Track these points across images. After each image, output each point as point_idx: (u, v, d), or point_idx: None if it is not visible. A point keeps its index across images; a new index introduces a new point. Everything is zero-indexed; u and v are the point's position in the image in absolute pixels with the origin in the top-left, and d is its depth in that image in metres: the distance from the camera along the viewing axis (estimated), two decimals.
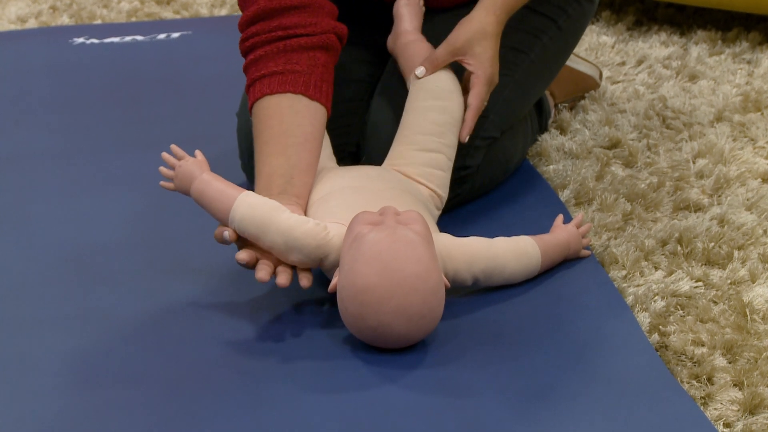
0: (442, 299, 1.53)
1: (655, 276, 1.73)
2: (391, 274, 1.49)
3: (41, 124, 2.28)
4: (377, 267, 1.49)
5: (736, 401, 1.47)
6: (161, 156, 1.66)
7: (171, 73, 2.52)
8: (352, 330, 1.55)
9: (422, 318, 1.51)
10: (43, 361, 1.55)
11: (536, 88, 2.00)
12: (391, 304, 1.49)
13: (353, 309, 1.52)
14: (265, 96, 1.74)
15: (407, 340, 1.53)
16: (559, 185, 1.98)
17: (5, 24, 2.89)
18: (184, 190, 1.64)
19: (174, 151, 1.66)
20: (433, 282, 1.51)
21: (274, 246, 1.58)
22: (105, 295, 1.70)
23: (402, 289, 1.49)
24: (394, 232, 1.51)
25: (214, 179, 1.62)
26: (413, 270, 1.50)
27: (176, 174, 1.64)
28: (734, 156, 2.07)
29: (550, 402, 1.45)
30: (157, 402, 1.47)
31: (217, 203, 1.60)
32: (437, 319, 1.54)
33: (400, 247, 1.50)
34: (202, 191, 1.62)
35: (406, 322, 1.50)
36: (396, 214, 1.54)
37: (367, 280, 1.50)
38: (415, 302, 1.50)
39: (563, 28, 1.97)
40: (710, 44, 2.59)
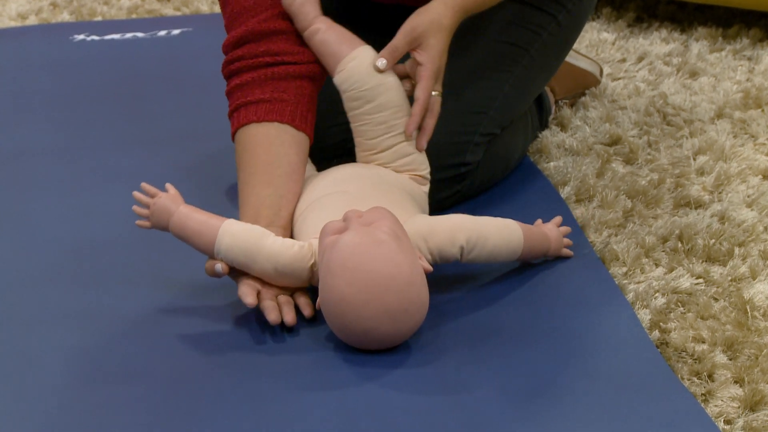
0: (421, 287, 1.52)
1: (656, 273, 1.73)
2: (361, 280, 1.49)
3: (42, 121, 2.28)
4: (347, 276, 1.49)
5: (736, 398, 1.47)
6: (132, 195, 1.62)
7: (171, 70, 2.52)
8: (345, 340, 1.54)
9: (406, 312, 1.50)
10: (44, 358, 1.55)
11: (536, 84, 2.00)
12: (370, 308, 1.49)
13: (337, 321, 1.52)
14: (251, 123, 1.73)
15: (400, 335, 1.53)
16: (559, 182, 1.98)
17: (5, 21, 2.89)
18: (162, 226, 1.61)
19: (145, 189, 1.62)
20: (406, 275, 1.50)
21: (264, 273, 1.59)
22: (105, 292, 1.70)
23: (376, 291, 1.48)
24: (356, 238, 1.50)
25: (192, 212, 1.60)
26: (382, 269, 1.49)
27: (152, 212, 1.61)
28: (735, 153, 2.07)
29: (551, 399, 1.45)
30: (158, 399, 1.47)
31: (200, 236, 1.59)
32: (423, 306, 1.53)
33: (364, 250, 1.49)
34: (183, 225, 1.60)
35: (390, 321, 1.50)
36: (359, 217, 1.53)
37: (341, 292, 1.49)
38: (393, 300, 1.49)
39: (563, 24, 1.97)
40: (711, 41, 2.59)
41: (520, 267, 1.73)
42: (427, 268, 1.55)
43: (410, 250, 1.53)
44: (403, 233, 1.54)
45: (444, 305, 1.64)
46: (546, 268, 1.73)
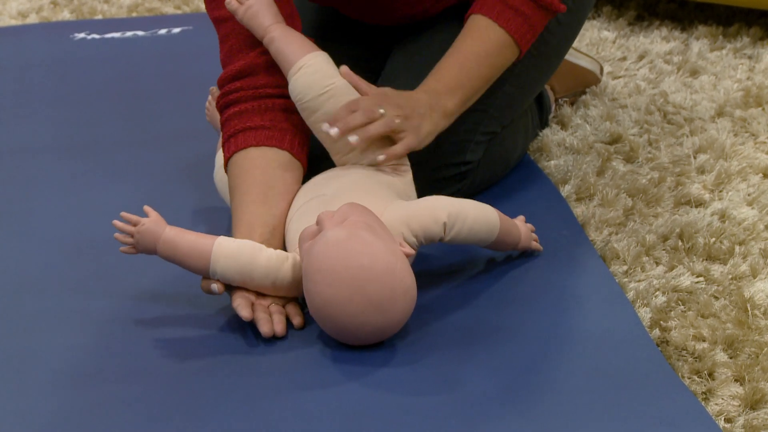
0: (403, 273, 1.51)
1: (656, 271, 1.73)
2: (339, 279, 1.48)
3: (42, 120, 2.28)
4: (325, 279, 1.49)
5: (737, 396, 1.47)
6: (113, 224, 1.58)
7: (172, 69, 2.52)
8: (342, 341, 1.54)
9: (391, 300, 1.50)
10: (43, 357, 1.55)
11: (536, 82, 1.99)
12: (355, 304, 1.48)
13: (328, 324, 1.52)
14: (250, 147, 1.73)
15: (393, 323, 1.52)
16: (560, 180, 1.98)
17: (6, 19, 2.89)
18: (149, 251, 1.59)
19: (126, 218, 1.58)
20: (384, 263, 1.49)
21: (262, 287, 1.59)
22: (105, 290, 1.70)
23: (356, 285, 1.48)
24: (328, 239, 1.50)
25: (180, 233, 1.58)
26: (357, 263, 1.48)
27: (137, 240, 1.58)
28: (735, 151, 2.07)
29: (551, 397, 1.45)
30: (157, 398, 1.47)
31: (192, 259, 1.57)
32: (409, 291, 1.52)
33: (337, 249, 1.49)
34: (173, 248, 1.57)
35: (378, 312, 1.49)
36: (330, 217, 1.53)
37: (323, 295, 1.50)
38: (375, 291, 1.48)
39: (563, 21, 1.97)
40: (711, 39, 2.59)
41: (521, 265, 1.73)
42: (408, 252, 1.54)
43: (387, 238, 1.53)
44: (377, 222, 1.54)
45: (443, 303, 1.64)
46: (546, 266, 1.73)
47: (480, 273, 1.72)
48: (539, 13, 1.80)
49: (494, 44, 1.77)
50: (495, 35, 1.77)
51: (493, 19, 1.76)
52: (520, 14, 1.77)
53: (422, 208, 1.61)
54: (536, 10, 1.79)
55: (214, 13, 1.81)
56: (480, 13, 1.78)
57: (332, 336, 1.54)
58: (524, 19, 1.78)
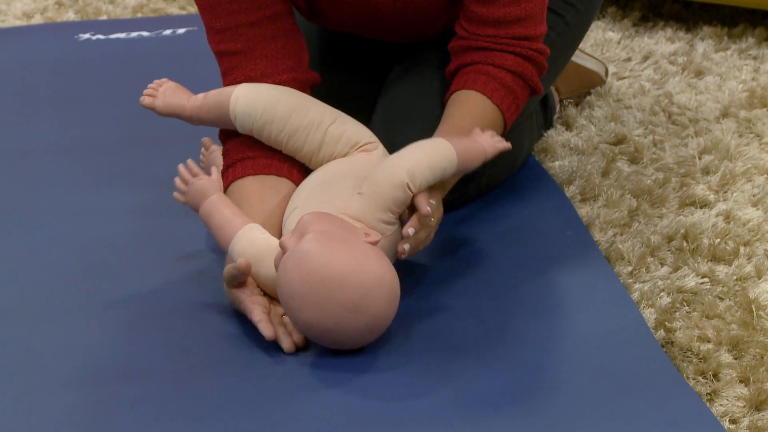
0: (371, 264, 1.49)
1: (661, 272, 1.73)
2: (308, 302, 1.48)
3: (47, 120, 2.28)
4: (296, 303, 1.49)
5: (742, 397, 1.47)
6: (177, 168, 1.67)
7: (177, 69, 2.52)
8: (339, 349, 1.54)
9: (364, 297, 1.48)
10: (48, 356, 1.56)
11: (543, 83, 1.99)
12: (332, 318, 1.48)
13: (319, 340, 1.53)
14: (247, 176, 1.72)
15: (380, 317, 1.51)
16: (564, 181, 1.98)
17: (11, 20, 2.90)
18: (194, 206, 1.65)
19: (190, 166, 1.67)
20: (343, 267, 1.48)
21: (268, 279, 1.58)
22: (110, 290, 1.70)
23: (325, 302, 1.47)
24: (285, 268, 1.50)
25: (223, 204, 1.62)
26: (318, 280, 1.47)
27: (188, 190, 1.66)
28: (740, 152, 2.07)
29: (555, 398, 1.45)
30: (162, 397, 1.47)
31: (221, 231, 1.61)
32: (383, 279, 1.50)
33: (297, 273, 1.49)
34: (210, 214, 1.62)
35: (355, 314, 1.48)
36: (290, 237, 1.52)
37: (300, 319, 1.50)
38: (345, 298, 1.47)
39: (571, 23, 1.97)
40: (716, 40, 2.58)
41: (525, 266, 1.73)
42: (372, 240, 1.52)
43: (347, 238, 1.51)
44: (336, 223, 1.53)
45: (447, 305, 1.65)
46: (551, 267, 1.73)
47: (483, 274, 1.72)
48: (526, 92, 1.78)
49: (488, 120, 1.73)
50: (491, 112, 1.74)
51: (487, 95, 1.73)
52: (511, 93, 1.75)
53: (380, 184, 1.59)
54: (524, 90, 1.77)
55: (219, 47, 1.80)
56: (474, 89, 1.74)
57: (325, 345, 1.54)
58: (514, 98, 1.75)
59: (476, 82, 1.74)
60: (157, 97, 1.81)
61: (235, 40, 1.77)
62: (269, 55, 1.77)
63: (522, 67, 1.75)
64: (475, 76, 1.75)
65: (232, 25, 1.77)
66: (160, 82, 1.82)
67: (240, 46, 1.77)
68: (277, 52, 1.78)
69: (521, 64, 1.75)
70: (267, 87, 1.73)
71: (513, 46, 1.75)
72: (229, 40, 1.78)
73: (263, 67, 1.77)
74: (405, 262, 1.72)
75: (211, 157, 1.91)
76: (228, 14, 1.77)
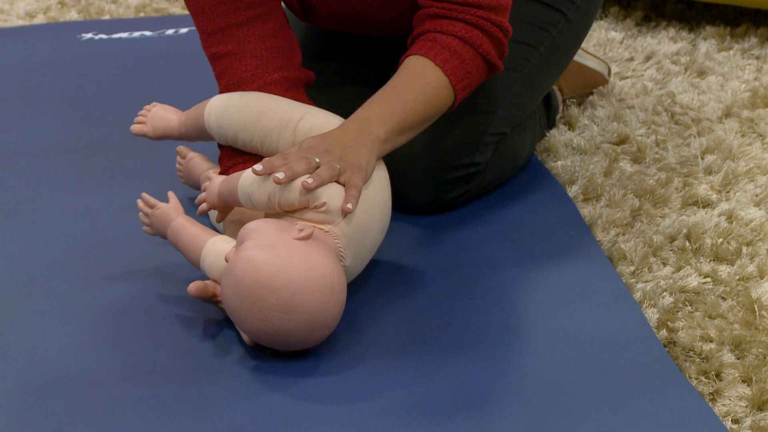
0: (297, 265, 1.48)
1: (664, 272, 1.73)
2: (246, 316, 1.49)
3: (49, 120, 2.28)
4: (236, 319, 1.51)
5: (744, 397, 1.47)
6: (136, 203, 1.68)
7: (179, 69, 2.52)
8: (298, 348, 1.54)
9: (294, 296, 1.47)
10: (49, 356, 1.56)
11: (545, 82, 1.99)
12: (273, 324, 1.48)
13: (271, 345, 1.52)
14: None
15: (318, 315, 1.49)
16: (567, 181, 1.98)
17: (14, 19, 2.90)
18: (162, 235, 1.66)
19: (145, 199, 1.68)
20: (266, 273, 1.47)
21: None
22: (111, 289, 1.70)
23: (259, 308, 1.48)
24: (222, 288, 1.52)
25: (185, 225, 1.63)
26: (246, 290, 1.48)
27: (152, 222, 1.67)
28: (743, 152, 2.07)
29: (557, 397, 1.45)
30: (164, 397, 1.47)
31: (188, 251, 1.62)
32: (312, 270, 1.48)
33: (228, 290, 1.50)
34: (176, 236, 1.64)
35: (287, 314, 1.48)
36: (229, 254, 1.53)
37: (249, 333, 1.51)
38: (275, 301, 1.47)
39: (572, 20, 1.97)
40: (719, 40, 2.58)
41: (527, 265, 1.73)
42: (304, 236, 1.50)
43: (273, 242, 1.50)
44: (267, 228, 1.52)
45: (448, 304, 1.65)
46: (553, 266, 1.73)
47: (485, 273, 1.72)
48: (478, 61, 1.73)
49: (430, 82, 1.69)
50: (431, 74, 1.69)
51: (430, 58, 1.69)
52: (456, 56, 1.70)
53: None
54: (475, 58, 1.72)
55: (211, 50, 1.81)
56: (417, 54, 1.71)
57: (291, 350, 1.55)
58: (460, 62, 1.71)
59: (421, 48, 1.71)
60: (146, 124, 1.84)
61: (225, 42, 1.78)
62: (259, 54, 1.78)
63: (470, 34, 1.71)
64: (422, 43, 1.72)
65: (222, 27, 1.78)
66: (149, 107, 1.84)
67: (230, 47, 1.78)
68: (267, 51, 1.78)
69: (470, 30, 1.71)
70: (237, 95, 1.74)
71: (464, 13, 1.71)
72: (219, 43, 1.79)
73: (254, 68, 1.77)
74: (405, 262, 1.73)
75: (189, 165, 1.92)
76: (217, 16, 1.78)
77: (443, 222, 1.87)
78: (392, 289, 1.69)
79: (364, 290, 1.69)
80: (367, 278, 1.71)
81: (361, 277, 1.69)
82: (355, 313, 1.63)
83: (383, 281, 1.71)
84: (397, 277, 1.72)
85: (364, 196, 1.59)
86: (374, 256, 1.73)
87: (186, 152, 1.93)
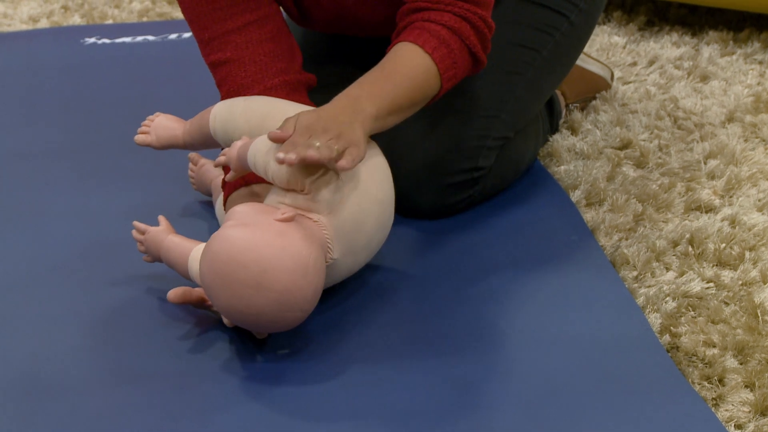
0: (273, 242, 1.48)
1: (667, 277, 1.73)
2: (221, 281, 1.49)
3: (52, 124, 2.29)
4: (213, 287, 1.50)
5: (747, 402, 1.47)
6: (131, 234, 1.70)
7: (182, 73, 2.53)
8: (272, 331, 1.55)
9: (266, 272, 1.46)
10: (52, 359, 1.56)
11: (549, 86, 1.99)
12: (240, 298, 1.48)
13: (243, 323, 1.53)
14: (240, 187, 1.73)
15: (289, 295, 1.48)
16: (570, 186, 1.98)
17: (17, 24, 2.90)
18: (156, 258, 1.68)
19: (135, 226, 1.69)
20: (243, 246, 1.48)
21: None
22: (114, 292, 1.70)
23: (231, 280, 1.47)
24: (206, 254, 1.52)
25: (177, 239, 1.64)
26: (223, 259, 1.48)
27: (146, 248, 1.68)
28: (746, 157, 2.07)
29: (560, 402, 1.45)
30: (165, 400, 1.47)
31: (177, 265, 1.64)
32: (285, 251, 1.48)
33: (206, 258, 1.51)
34: (167, 253, 1.65)
35: (263, 291, 1.47)
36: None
37: (218, 300, 1.51)
38: (247, 276, 1.47)
39: (575, 23, 1.97)
40: (722, 45, 2.58)
41: (529, 270, 1.73)
42: (287, 218, 1.50)
43: (254, 221, 1.51)
44: (251, 210, 1.53)
45: (451, 307, 1.65)
46: (556, 271, 1.73)
47: (487, 277, 1.72)
48: (464, 53, 1.72)
49: (419, 67, 1.68)
50: (421, 60, 1.68)
51: (419, 44, 1.68)
52: (445, 44, 1.69)
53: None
54: (461, 49, 1.71)
55: (210, 58, 1.81)
56: (406, 40, 1.70)
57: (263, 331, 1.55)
58: (449, 51, 1.70)
59: (410, 35, 1.70)
60: (150, 134, 1.84)
61: (223, 48, 1.78)
62: (258, 60, 1.78)
63: (459, 24, 1.70)
64: (410, 31, 1.71)
65: (219, 33, 1.78)
66: (152, 117, 1.84)
67: (229, 54, 1.78)
68: (266, 56, 1.78)
69: (458, 21, 1.70)
70: (241, 100, 1.74)
71: (452, 5, 1.71)
72: (218, 50, 1.79)
73: (253, 73, 1.77)
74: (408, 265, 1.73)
75: (200, 171, 1.92)
76: (214, 23, 1.78)
77: (446, 226, 1.87)
78: (394, 292, 1.69)
79: (365, 293, 1.69)
80: (369, 281, 1.71)
81: (362, 279, 1.69)
82: (357, 316, 1.63)
83: (385, 284, 1.71)
84: (400, 280, 1.72)
85: (358, 191, 1.59)
86: (376, 260, 1.73)
87: (198, 159, 1.94)
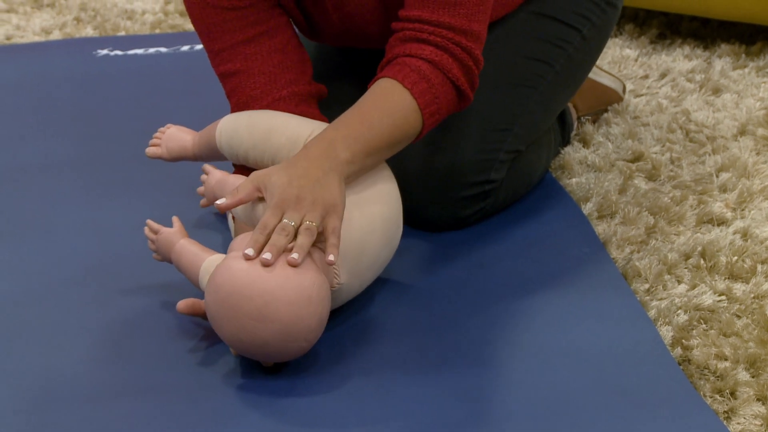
0: (274, 274, 1.47)
1: (678, 289, 1.73)
2: (225, 312, 1.49)
3: (65, 135, 2.29)
4: (218, 319, 1.50)
5: (759, 416, 1.47)
6: (144, 231, 1.70)
7: (194, 85, 2.53)
8: (277, 361, 1.54)
9: (269, 304, 1.46)
10: (63, 371, 1.56)
11: (561, 99, 1.99)
12: (244, 330, 1.48)
13: (247, 353, 1.52)
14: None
15: (292, 326, 1.48)
16: (581, 198, 1.98)
17: (30, 35, 2.91)
18: (166, 258, 1.68)
19: (149, 225, 1.69)
20: (245, 278, 1.48)
21: None
22: (125, 305, 1.71)
23: (235, 312, 1.48)
24: (210, 285, 1.52)
25: (189, 245, 1.64)
26: (227, 291, 1.48)
27: (157, 247, 1.68)
28: (758, 170, 2.06)
29: (571, 415, 1.45)
30: (178, 412, 1.47)
31: (189, 272, 1.64)
32: (287, 283, 1.48)
33: (210, 289, 1.51)
34: (178, 258, 1.65)
35: (266, 323, 1.47)
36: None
37: (222, 331, 1.51)
38: (250, 308, 1.47)
39: (588, 37, 1.97)
40: (734, 58, 2.58)
41: (541, 282, 1.73)
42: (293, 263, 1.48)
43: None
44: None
45: (461, 319, 1.65)
46: (567, 284, 1.73)
47: (499, 290, 1.72)
48: (446, 87, 1.69)
49: (397, 104, 1.66)
50: (399, 96, 1.66)
51: (398, 80, 1.66)
52: (425, 79, 1.66)
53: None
54: (444, 84, 1.68)
55: (220, 69, 1.81)
56: (385, 76, 1.68)
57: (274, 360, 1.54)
58: (429, 86, 1.67)
59: (390, 71, 1.68)
60: (160, 146, 1.85)
61: (233, 60, 1.78)
62: (267, 71, 1.78)
63: (439, 57, 1.67)
64: (391, 66, 1.69)
65: (229, 45, 1.78)
66: (164, 129, 1.85)
67: (238, 65, 1.78)
68: (275, 67, 1.78)
69: (439, 54, 1.67)
70: (245, 115, 1.75)
71: (434, 35, 1.68)
72: (227, 61, 1.79)
73: (262, 84, 1.78)
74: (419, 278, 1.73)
75: None
76: (224, 34, 1.78)
77: (457, 239, 1.87)
78: (405, 305, 1.69)
79: (376, 306, 1.69)
80: (380, 294, 1.71)
81: (371, 292, 1.69)
82: (365, 329, 1.63)
83: (396, 298, 1.71)
84: (410, 293, 1.72)
85: (362, 213, 1.60)
86: (386, 273, 1.73)
87: (210, 170, 1.94)
